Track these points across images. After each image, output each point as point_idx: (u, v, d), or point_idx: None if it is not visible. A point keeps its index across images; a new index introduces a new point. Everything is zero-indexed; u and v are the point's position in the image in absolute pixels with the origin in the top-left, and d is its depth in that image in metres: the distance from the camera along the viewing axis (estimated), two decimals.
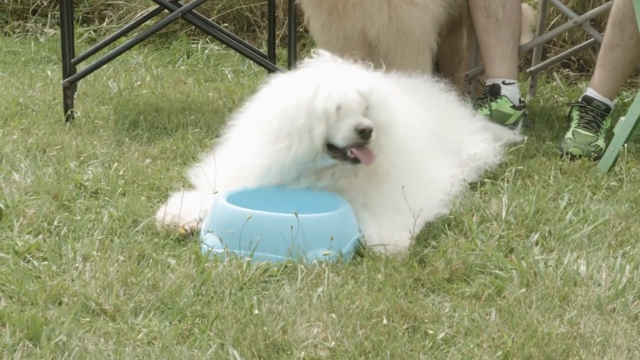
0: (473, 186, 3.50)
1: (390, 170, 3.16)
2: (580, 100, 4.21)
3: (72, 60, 4.42)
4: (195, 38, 6.08)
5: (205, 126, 4.20)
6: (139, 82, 5.06)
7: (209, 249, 2.88)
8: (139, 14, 5.95)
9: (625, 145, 3.75)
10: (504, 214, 3.22)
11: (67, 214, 3.18)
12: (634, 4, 3.69)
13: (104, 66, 4.89)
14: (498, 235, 3.08)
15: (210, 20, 4.95)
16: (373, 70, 3.29)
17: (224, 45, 5.80)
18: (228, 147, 3.33)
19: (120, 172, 3.57)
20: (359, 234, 3.01)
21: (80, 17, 6.26)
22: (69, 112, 4.31)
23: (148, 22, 5.12)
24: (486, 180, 3.54)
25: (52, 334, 2.39)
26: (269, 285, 2.73)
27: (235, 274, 2.75)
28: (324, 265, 2.81)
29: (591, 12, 4.73)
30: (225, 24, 6.01)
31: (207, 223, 3.01)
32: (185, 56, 5.81)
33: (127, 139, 4.02)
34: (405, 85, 3.72)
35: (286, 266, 2.81)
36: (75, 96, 4.47)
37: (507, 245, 3.03)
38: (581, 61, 5.58)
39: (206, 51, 5.84)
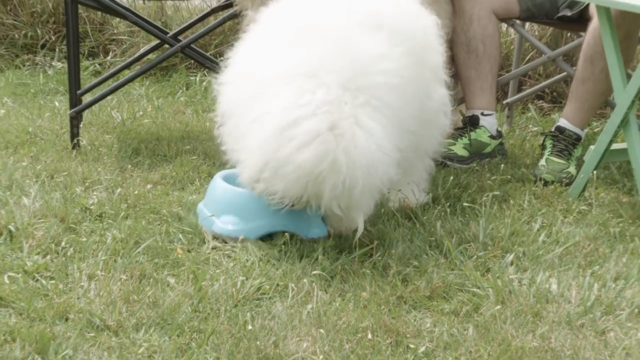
0: (453, 210, 3.53)
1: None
2: (553, 129, 4.24)
3: (79, 92, 4.44)
4: (194, 71, 6.10)
5: (202, 154, 4.22)
6: (141, 113, 5.08)
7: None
8: (142, 49, 5.98)
9: (595, 171, 3.79)
10: (481, 236, 3.25)
11: (73, 236, 3.20)
12: (603, 40, 3.73)
13: (108, 97, 4.90)
14: (476, 256, 3.11)
15: (208, 54, 4.98)
16: None
17: None
18: None
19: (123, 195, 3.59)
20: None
21: (86, 51, 6.27)
22: (75, 141, 4.33)
23: (150, 56, 5.15)
24: (465, 204, 3.57)
25: (59, 348, 2.42)
26: (261, 303, 2.75)
27: (230, 292, 2.77)
28: (314, 284, 2.84)
29: (564, 48, 4.78)
30: (222, 58, 6.02)
31: (205, 201, 3.12)
32: (185, 88, 5.82)
33: (129, 166, 4.04)
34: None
35: (278, 284, 2.84)
36: (81, 125, 4.49)
37: (484, 265, 3.06)
38: (554, 93, 5.62)
39: (204, 83, 5.85)
